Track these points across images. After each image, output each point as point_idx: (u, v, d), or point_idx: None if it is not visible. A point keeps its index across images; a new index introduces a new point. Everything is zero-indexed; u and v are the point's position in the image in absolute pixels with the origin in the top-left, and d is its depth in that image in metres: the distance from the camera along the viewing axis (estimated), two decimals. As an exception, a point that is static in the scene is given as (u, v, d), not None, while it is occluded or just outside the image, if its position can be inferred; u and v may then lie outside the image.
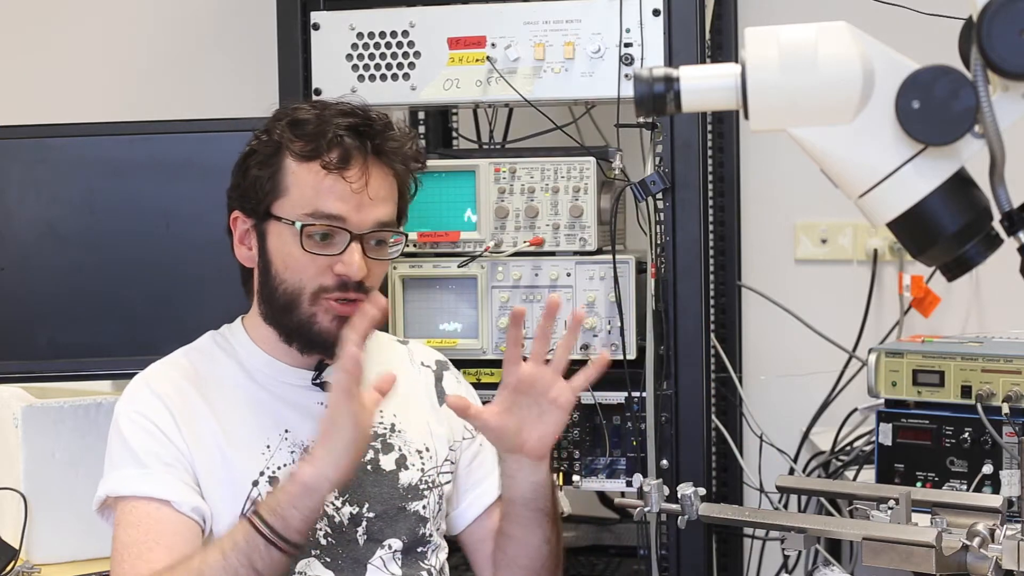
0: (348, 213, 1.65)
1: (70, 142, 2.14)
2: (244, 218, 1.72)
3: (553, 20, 2.18)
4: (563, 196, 2.21)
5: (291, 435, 1.70)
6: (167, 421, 1.66)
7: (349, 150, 1.65)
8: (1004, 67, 1.12)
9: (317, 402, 1.72)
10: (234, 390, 1.72)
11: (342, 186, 1.65)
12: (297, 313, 1.67)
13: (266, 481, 1.66)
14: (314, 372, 1.74)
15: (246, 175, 1.70)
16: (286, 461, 1.68)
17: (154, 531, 1.60)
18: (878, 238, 2.82)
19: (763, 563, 2.84)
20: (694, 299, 2.15)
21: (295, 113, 1.70)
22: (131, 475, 1.64)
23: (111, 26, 3.11)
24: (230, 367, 1.74)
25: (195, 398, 1.69)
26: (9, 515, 2.16)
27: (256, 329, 1.75)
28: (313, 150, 1.65)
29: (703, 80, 1.25)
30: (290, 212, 1.66)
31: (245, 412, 1.70)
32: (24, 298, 2.13)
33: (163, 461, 1.64)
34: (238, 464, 1.66)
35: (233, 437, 1.67)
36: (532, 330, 2.22)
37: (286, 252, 1.67)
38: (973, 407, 2.02)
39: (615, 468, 2.22)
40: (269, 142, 1.69)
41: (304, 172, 1.66)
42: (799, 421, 2.78)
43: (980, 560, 1.47)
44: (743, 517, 1.72)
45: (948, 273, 1.25)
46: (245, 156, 1.72)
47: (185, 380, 1.71)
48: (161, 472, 1.63)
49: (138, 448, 1.64)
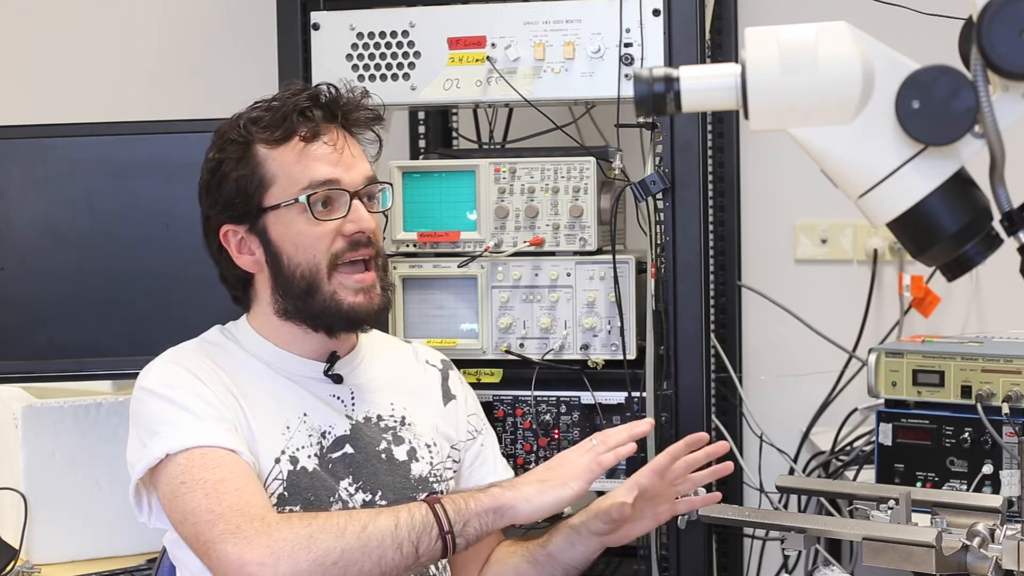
0: (340, 175, 1.69)
1: (70, 142, 2.14)
2: (235, 228, 1.72)
3: (553, 20, 2.18)
4: (563, 196, 2.21)
5: (309, 419, 1.71)
6: (202, 388, 1.64)
7: (317, 120, 1.70)
8: (1004, 67, 1.12)
9: (330, 394, 1.74)
10: (252, 374, 1.72)
11: (324, 150, 1.69)
12: (320, 294, 1.68)
13: (287, 460, 1.66)
14: (326, 364, 1.75)
15: (223, 185, 1.71)
16: (304, 444, 1.69)
17: (239, 472, 1.56)
18: (878, 238, 2.82)
19: (763, 563, 2.84)
20: (694, 299, 2.15)
21: (246, 115, 1.73)
22: (193, 426, 1.59)
23: (111, 26, 3.11)
24: (243, 356, 1.74)
25: (218, 375, 1.68)
26: (9, 515, 2.16)
27: (265, 326, 1.75)
28: (284, 131, 1.69)
29: (703, 80, 1.25)
30: (284, 195, 1.68)
31: (265, 394, 1.70)
32: (24, 298, 2.13)
33: (215, 417, 1.61)
34: (262, 440, 1.66)
35: (257, 413, 1.67)
36: (532, 330, 2.22)
37: (295, 232, 1.68)
38: (973, 407, 2.02)
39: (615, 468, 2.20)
40: (234, 146, 1.71)
41: (283, 154, 1.69)
42: (799, 421, 2.78)
43: (980, 560, 1.47)
44: (743, 517, 1.72)
45: (948, 273, 1.25)
46: (212, 171, 1.73)
47: (206, 359, 1.70)
48: (219, 425, 1.61)
49: (189, 404, 1.61)
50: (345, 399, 1.76)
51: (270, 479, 1.65)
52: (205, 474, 1.55)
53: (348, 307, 1.69)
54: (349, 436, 1.72)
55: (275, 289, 1.72)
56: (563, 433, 2.22)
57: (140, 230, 2.12)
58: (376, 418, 1.76)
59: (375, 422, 1.76)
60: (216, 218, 1.73)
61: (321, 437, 1.70)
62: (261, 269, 1.73)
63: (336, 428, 1.72)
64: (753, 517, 1.73)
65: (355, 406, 1.76)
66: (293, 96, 1.72)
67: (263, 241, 1.71)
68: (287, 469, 1.66)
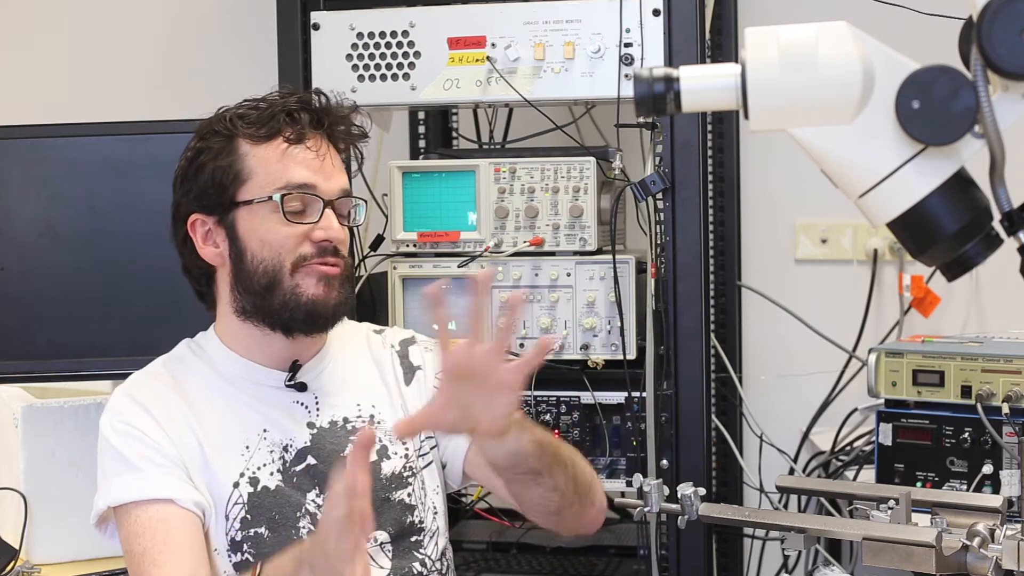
0: (317, 181, 1.70)
1: (70, 142, 2.14)
2: (204, 218, 1.72)
3: (553, 20, 2.18)
4: (563, 196, 2.21)
5: (269, 435, 1.72)
6: (151, 425, 1.67)
7: (304, 124, 1.71)
8: (1004, 67, 1.12)
9: (293, 400, 1.74)
10: (211, 394, 1.73)
11: (306, 154, 1.70)
12: (280, 289, 1.68)
13: (247, 482, 1.68)
14: (288, 373, 1.75)
15: (199, 174, 1.71)
16: (265, 461, 1.70)
17: (160, 534, 1.61)
18: (878, 238, 2.82)
19: (763, 563, 2.84)
20: (694, 299, 2.15)
21: (234, 110, 1.74)
22: (128, 481, 1.65)
23: (111, 26, 3.11)
24: (206, 372, 1.75)
25: (175, 403, 1.70)
26: (9, 515, 2.16)
27: (228, 333, 1.76)
28: (270, 129, 1.70)
29: (703, 80, 1.25)
30: (259, 192, 1.69)
31: (223, 415, 1.71)
32: (24, 298, 2.13)
33: (155, 463, 1.65)
34: (218, 466, 1.68)
35: (213, 440, 1.69)
36: (532, 330, 2.22)
37: (264, 230, 1.68)
38: (973, 407, 2.02)
39: (615, 468, 2.22)
40: (218, 137, 1.72)
41: (265, 151, 1.70)
42: (799, 421, 2.78)
43: (980, 560, 1.47)
44: (743, 517, 1.72)
45: (948, 273, 1.25)
46: (191, 160, 1.73)
47: (164, 387, 1.73)
48: (157, 473, 1.64)
49: (129, 454, 1.66)
50: (309, 405, 1.76)
51: (230, 504, 1.67)
52: (132, 544, 1.63)
53: (307, 300, 1.68)
54: (311, 447, 1.72)
55: (234, 286, 1.72)
56: (563, 433, 2.22)
57: (140, 230, 2.11)
58: (342, 421, 1.76)
59: (341, 425, 1.75)
60: (187, 206, 1.73)
61: (284, 451, 1.71)
62: (223, 263, 1.73)
63: (296, 440, 1.72)
64: (753, 517, 1.73)
65: (319, 411, 1.76)
66: (283, 98, 1.74)
67: (230, 235, 1.71)
68: (247, 492, 1.67)
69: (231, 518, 1.67)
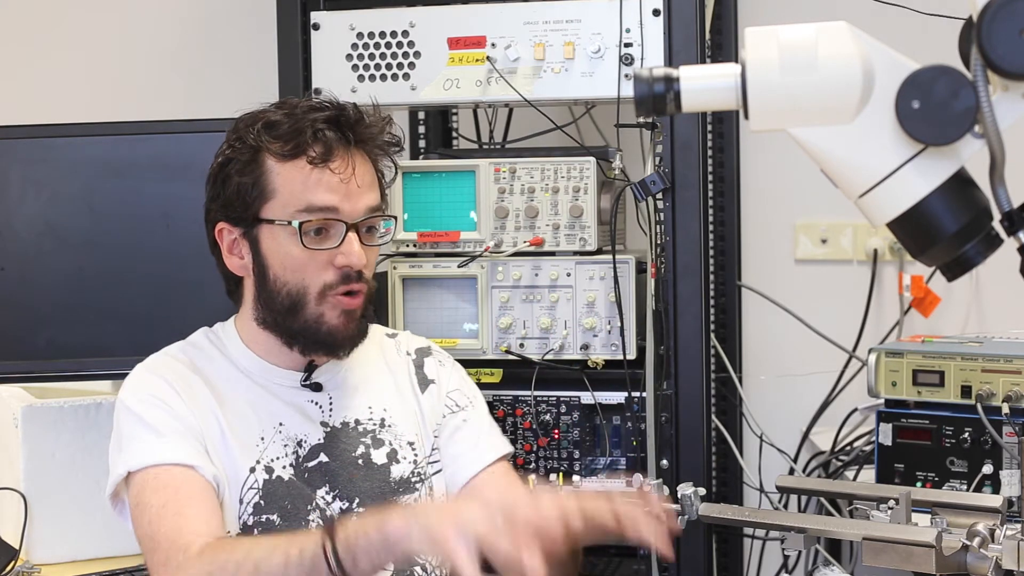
0: (340, 203, 1.66)
1: (70, 142, 2.14)
2: (231, 228, 1.71)
3: (553, 20, 2.18)
4: (563, 196, 2.21)
5: (284, 429, 1.72)
6: (174, 398, 1.67)
7: (331, 142, 1.66)
8: (1004, 67, 1.12)
9: (308, 399, 1.75)
10: (230, 383, 1.73)
11: (330, 178, 1.66)
12: (304, 313, 1.68)
13: (263, 469, 1.68)
14: (304, 373, 1.75)
15: (227, 184, 1.70)
16: (279, 454, 1.70)
17: (184, 492, 1.59)
18: (878, 238, 2.82)
19: (763, 563, 2.84)
20: (694, 299, 2.15)
21: (265, 116, 1.70)
22: (151, 445, 1.63)
23: (111, 26, 3.11)
24: (224, 363, 1.75)
25: (196, 382, 1.71)
26: (9, 515, 2.16)
27: (248, 332, 1.76)
28: (295, 148, 1.66)
29: (703, 80, 1.25)
30: (281, 212, 1.67)
31: (241, 404, 1.72)
32: (24, 298, 2.13)
33: (178, 431, 1.64)
34: (236, 451, 1.68)
35: (232, 424, 1.69)
36: (532, 330, 2.22)
37: (284, 253, 1.67)
38: (973, 407, 2.02)
39: (615, 468, 2.22)
40: (245, 148, 1.69)
41: (289, 170, 1.67)
42: (799, 421, 2.78)
43: (980, 560, 1.47)
44: (743, 517, 1.72)
45: (948, 273, 1.25)
46: (221, 166, 1.72)
47: (184, 368, 1.72)
48: (180, 441, 1.64)
49: (153, 421, 1.64)
50: (323, 405, 1.76)
51: (245, 488, 1.67)
52: (152, 498, 1.59)
53: (327, 330, 1.68)
54: (324, 445, 1.73)
55: (258, 298, 1.72)
56: (563, 433, 2.22)
57: (140, 230, 2.11)
58: (354, 423, 1.77)
59: (352, 427, 1.76)
60: (215, 212, 1.73)
61: (297, 447, 1.72)
62: (248, 275, 1.73)
63: (310, 437, 1.73)
64: (753, 517, 1.73)
65: (333, 412, 1.76)
66: (313, 111, 1.68)
67: (254, 249, 1.70)
68: (263, 478, 1.68)
69: (245, 502, 1.67)
